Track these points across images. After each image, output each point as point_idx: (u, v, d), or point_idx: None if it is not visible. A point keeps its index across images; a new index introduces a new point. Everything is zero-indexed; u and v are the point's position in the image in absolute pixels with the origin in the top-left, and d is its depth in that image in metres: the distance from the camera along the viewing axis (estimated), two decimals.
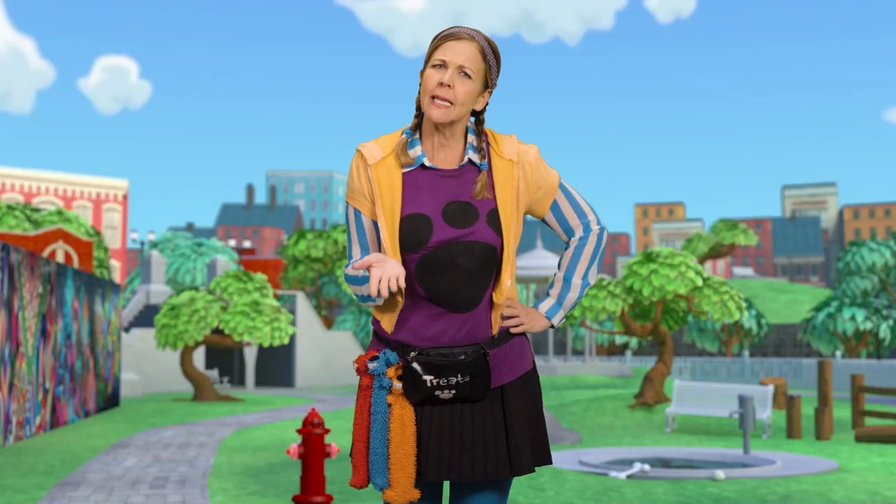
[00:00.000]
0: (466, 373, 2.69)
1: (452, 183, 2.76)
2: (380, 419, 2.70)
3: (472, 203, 2.74)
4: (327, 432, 6.85)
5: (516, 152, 2.80)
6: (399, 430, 2.68)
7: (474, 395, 2.72)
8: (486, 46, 2.75)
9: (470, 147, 2.79)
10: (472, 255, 2.71)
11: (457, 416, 2.74)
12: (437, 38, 2.76)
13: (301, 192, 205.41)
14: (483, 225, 2.72)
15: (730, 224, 48.78)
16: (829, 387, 16.00)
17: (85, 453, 12.15)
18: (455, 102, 2.70)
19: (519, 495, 8.74)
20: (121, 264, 76.84)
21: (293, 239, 42.20)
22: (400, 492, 2.67)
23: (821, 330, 40.86)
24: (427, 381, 2.68)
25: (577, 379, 33.14)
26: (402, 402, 2.70)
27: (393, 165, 2.76)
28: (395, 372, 2.72)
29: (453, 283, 2.72)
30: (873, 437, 14.21)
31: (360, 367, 2.76)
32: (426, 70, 2.74)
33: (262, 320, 24.38)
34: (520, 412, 2.79)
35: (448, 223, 2.71)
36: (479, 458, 2.73)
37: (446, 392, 2.70)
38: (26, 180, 74.54)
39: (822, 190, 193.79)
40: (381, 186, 2.74)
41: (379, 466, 2.68)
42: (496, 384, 2.79)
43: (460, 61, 2.69)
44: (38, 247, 27.17)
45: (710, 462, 11.78)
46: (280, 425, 17.13)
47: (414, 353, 2.70)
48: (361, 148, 2.79)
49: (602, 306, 18.29)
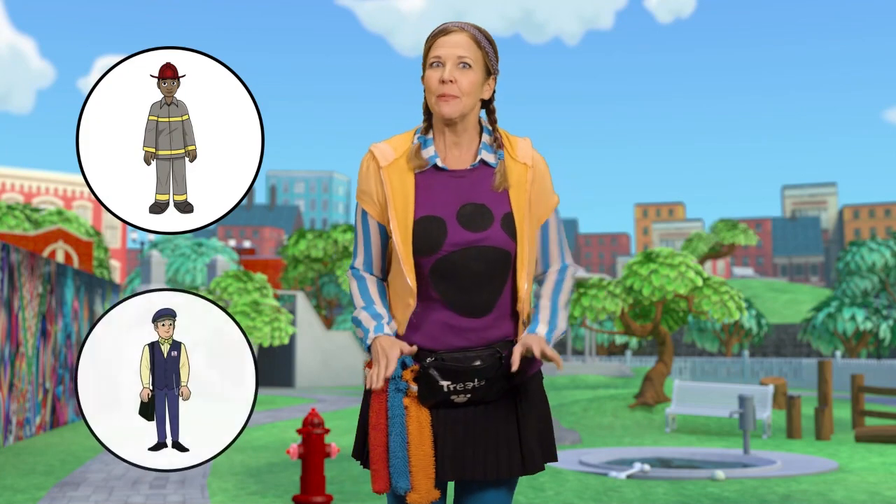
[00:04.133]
0: (482, 377, 2.68)
1: (465, 183, 2.73)
2: (398, 422, 2.67)
3: (487, 206, 2.71)
4: (327, 432, 6.85)
5: (531, 157, 2.77)
6: (417, 432, 2.66)
7: (489, 398, 2.72)
8: (478, 34, 2.73)
9: (484, 146, 2.76)
10: (485, 259, 2.68)
11: (470, 416, 2.74)
12: (429, 38, 2.74)
13: (301, 192, 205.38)
14: (497, 229, 2.69)
15: (730, 224, 48.78)
16: (829, 387, 16.00)
17: (85, 453, 12.15)
18: (461, 95, 2.67)
19: (519, 495, 8.74)
20: (121, 264, 76.86)
21: (293, 239, 42.19)
22: (423, 493, 2.65)
23: (821, 330, 40.86)
24: (444, 386, 2.67)
25: (577, 379, 33.14)
26: (418, 403, 2.69)
27: (405, 167, 2.73)
28: (411, 374, 2.70)
29: (466, 287, 2.70)
30: (873, 437, 14.21)
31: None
32: (426, 72, 2.72)
33: (262, 320, 24.39)
34: (531, 411, 2.79)
35: (463, 226, 2.68)
36: (492, 458, 2.72)
37: (462, 396, 2.69)
38: (26, 180, 74.54)
39: (822, 190, 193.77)
40: (394, 189, 2.71)
41: (401, 469, 2.65)
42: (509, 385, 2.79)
43: (457, 54, 2.67)
44: (38, 247, 27.17)
45: (710, 462, 11.78)
46: (280, 425, 17.13)
47: (430, 359, 2.68)
48: (374, 148, 2.76)
49: (602, 306, 18.28)
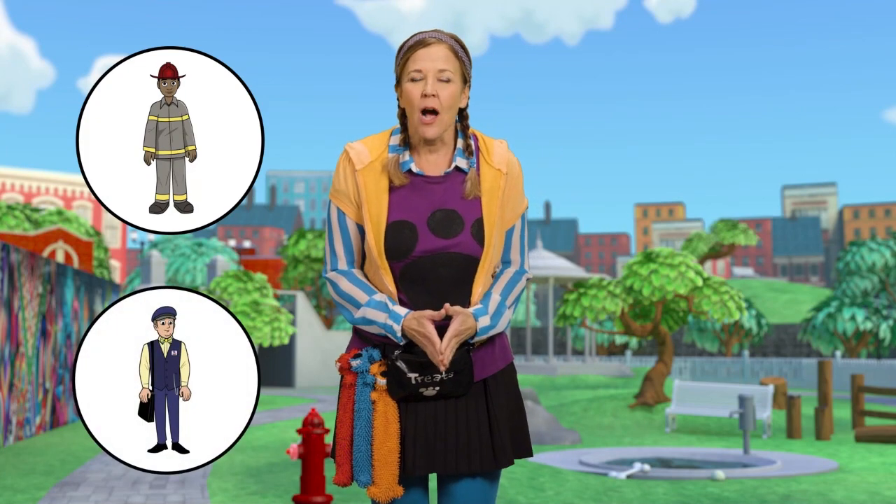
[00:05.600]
0: (450, 369, 2.70)
1: (438, 189, 2.74)
2: (364, 416, 2.70)
3: (458, 212, 2.72)
4: (327, 432, 6.85)
5: (506, 162, 2.78)
6: (383, 426, 2.69)
7: (458, 391, 2.73)
8: (455, 44, 2.73)
9: (459, 153, 2.77)
10: (453, 265, 2.70)
11: (440, 410, 2.75)
12: (403, 49, 2.72)
13: (301, 192, 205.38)
14: (468, 236, 2.71)
15: (730, 224, 48.76)
16: (829, 387, 16.00)
17: (85, 453, 12.15)
18: (442, 109, 2.68)
19: (519, 495, 8.74)
20: (121, 264, 76.87)
21: (293, 239, 42.19)
22: (384, 488, 2.68)
23: (821, 330, 40.85)
24: (412, 378, 2.69)
25: (577, 379, 33.13)
26: (386, 398, 2.71)
27: (380, 170, 2.74)
28: (379, 368, 2.72)
29: (433, 292, 2.72)
30: (873, 437, 14.21)
31: (342, 366, 2.77)
32: (404, 84, 2.72)
33: (262, 320, 24.38)
34: (502, 405, 2.80)
35: (433, 232, 2.70)
36: (463, 452, 2.74)
37: (430, 389, 2.71)
38: (26, 180, 74.54)
39: (822, 190, 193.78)
40: (368, 192, 2.72)
41: (362, 464, 2.69)
42: (479, 378, 2.79)
43: (437, 67, 2.68)
44: (38, 247, 27.17)
45: (710, 462, 11.78)
46: (280, 425, 17.13)
47: (398, 351, 2.70)
48: (349, 149, 2.76)
49: (602, 306, 18.28)
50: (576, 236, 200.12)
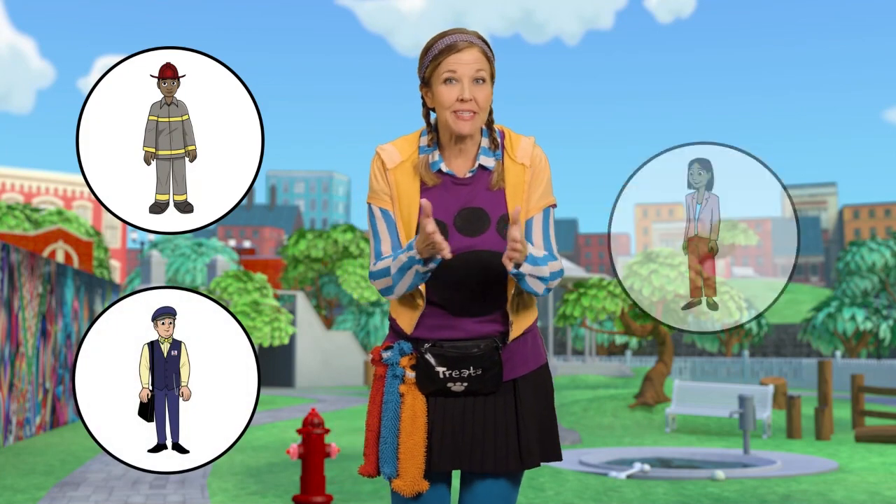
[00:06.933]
0: (479, 366, 2.71)
1: (465, 189, 2.77)
2: (391, 408, 2.71)
3: (485, 209, 2.74)
4: (327, 432, 6.85)
5: (530, 156, 2.81)
6: (410, 420, 2.69)
7: (486, 388, 2.73)
8: (485, 46, 2.77)
9: (483, 151, 2.79)
10: (482, 265, 2.72)
11: (469, 407, 2.75)
12: (434, 51, 2.73)
13: (301, 192, 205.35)
14: (493, 233, 2.73)
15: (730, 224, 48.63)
16: (829, 387, 16.00)
17: (85, 453, 12.15)
18: (479, 111, 2.72)
19: (519, 495, 8.74)
20: (121, 264, 76.85)
21: (293, 239, 42.18)
22: (408, 481, 2.68)
23: (821, 330, 40.85)
24: (440, 372, 2.70)
25: (577, 379, 33.13)
26: (415, 392, 2.72)
27: (412, 171, 2.77)
28: (409, 362, 2.73)
29: (465, 292, 2.74)
30: (873, 437, 14.20)
31: (374, 357, 2.79)
32: (437, 87, 2.73)
33: (262, 320, 24.38)
34: (531, 406, 2.80)
35: (459, 231, 2.72)
36: (489, 451, 2.74)
37: (458, 384, 2.71)
38: (26, 180, 74.53)
39: (822, 190, 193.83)
40: (401, 191, 2.76)
41: (388, 456, 2.70)
42: (509, 378, 2.79)
43: (472, 71, 2.71)
44: (38, 247, 27.18)
45: (710, 462, 11.77)
46: (280, 425, 17.13)
47: (428, 344, 2.72)
48: (381, 151, 2.79)
49: (602, 306, 18.29)
50: (576, 236, 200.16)
